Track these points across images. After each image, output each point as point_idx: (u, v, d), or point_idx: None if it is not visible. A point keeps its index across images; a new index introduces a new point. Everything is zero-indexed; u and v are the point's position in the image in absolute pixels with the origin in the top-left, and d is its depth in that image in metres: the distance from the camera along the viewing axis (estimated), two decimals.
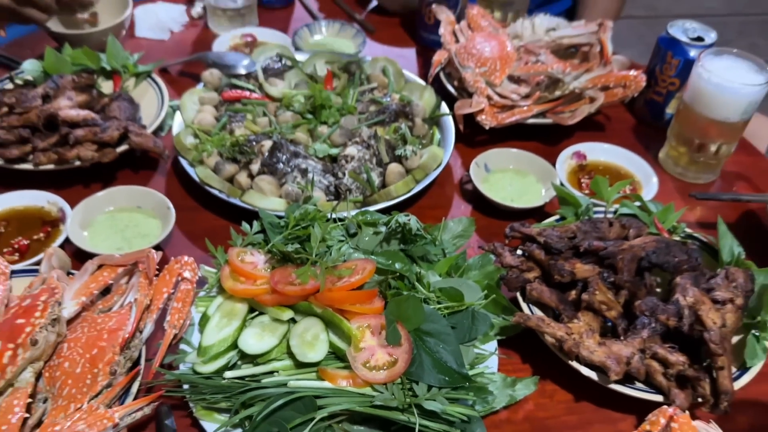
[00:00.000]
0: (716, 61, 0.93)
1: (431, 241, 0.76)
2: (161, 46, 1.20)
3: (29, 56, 1.11)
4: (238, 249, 0.72)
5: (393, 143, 0.90)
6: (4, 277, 0.69)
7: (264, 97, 0.98)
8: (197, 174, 0.85)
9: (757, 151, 1.09)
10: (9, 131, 0.88)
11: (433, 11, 1.13)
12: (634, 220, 0.81)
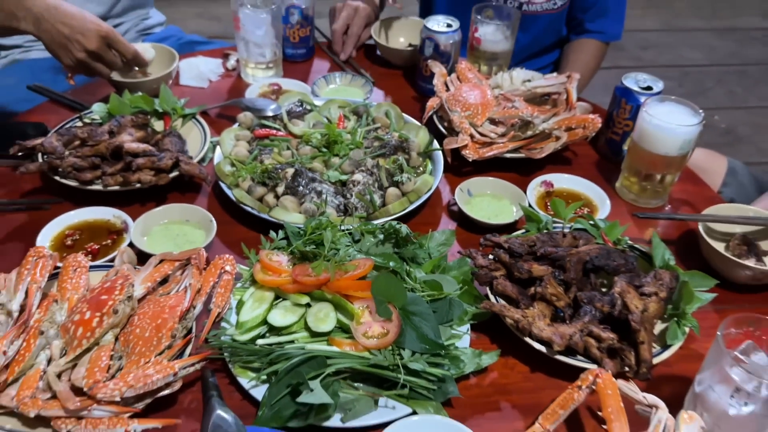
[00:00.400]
0: (659, 106, 1.11)
1: (419, 246, 0.94)
2: (202, 92, 1.38)
3: (92, 100, 1.31)
4: (266, 251, 0.90)
5: (392, 171, 1.08)
6: (85, 269, 0.87)
7: (288, 135, 1.16)
8: (234, 195, 1.03)
9: (702, 181, 1.26)
10: (83, 159, 1.06)
11: (428, 65, 1.32)
12: (584, 233, 0.98)
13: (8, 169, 1.12)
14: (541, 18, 1.62)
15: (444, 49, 1.32)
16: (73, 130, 1.11)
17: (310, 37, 1.48)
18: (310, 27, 1.47)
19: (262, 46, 1.37)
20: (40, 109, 1.32)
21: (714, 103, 2.80)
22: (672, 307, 0.88)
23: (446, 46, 1.32)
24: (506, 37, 1.35)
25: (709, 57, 3.14)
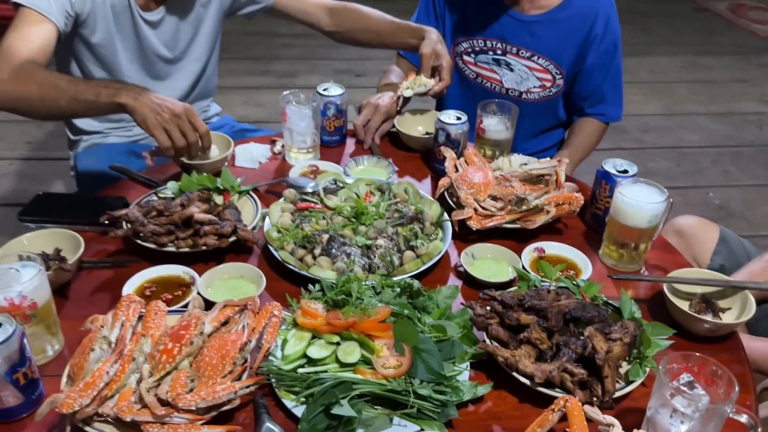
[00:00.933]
0: (631, 187, 1.30)
1: (429, 298, 1.12)
2: (254, 172, 1.58)
3: (160, 178, 1.55)
4: (306, 300, 1.09)
5: (408, 238, 1.28)
6: (164, 313, 1.06)
7: (324, 207, 1.35)
8: (280, 255, 1.23)
9: (675, 250, 1.43)
10: (161, 227, 1.27)
11: (441, 151, 1.54)
12: (566, 290, 1.16)
13: (97, 234, 1.34)
14: (535, 104, 1.84)
15: (454, 137, 1.54)
16: (151, 203, 1.33)
17: (343, 127, 1.71)
18: (343, 119, 1.70)
19: (304, 134, 1.60)
20: (119, 186, 1.54)
21: (709, 181, 2.97)
22: (636, 351, 1.05)
23: (456, 135, 1.54)
24: (507, 128, 1.57)
25: (706, 139, 3.33)
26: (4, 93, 1.38)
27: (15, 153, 3.06)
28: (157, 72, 1.77)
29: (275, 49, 4.24)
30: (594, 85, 1.79)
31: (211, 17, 1.78)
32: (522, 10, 1.77)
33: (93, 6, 1.57)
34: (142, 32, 1.67)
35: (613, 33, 1.77)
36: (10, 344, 0.91)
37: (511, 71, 1.83)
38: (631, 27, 4.88)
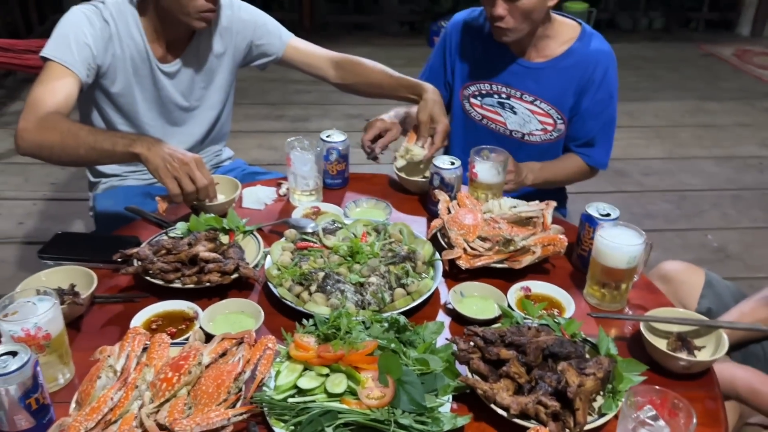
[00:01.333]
0: (612, 229, 1.36)
1: (416, 333, 1.18)
2: (259, 213, 1.67)
3: (172, 218, 1.65)
4: (299, 334, 1.15)
5: (400, 276, 1.34)
6: (166, 345, 1.13)
7: (322, 246, 1.43)
8: (278, 292, 1.30)
9: (658, 290, 1.48)
10: (168, 264, 1.34)
11: (436, 194, 1.61)
12: (546, 327, 1.21)
13: (110, 271, 1.42)
14: (537, 146, 1.92)
15: (448, 181, 1.62)
16: (161, 242, 1.41)
17: (345, 170, 1.79)
18: (345, 163, 1.79)
19: (307, 178, 1.69)
20: (134, 226, 1.63)
21: (708, 223, 3.00)
22: (609, 386, 1.10)
23: (450, 179, 1.62)
24: (498, 173, 1.64)
25: (706, 182, 3.37)
26: (30, 141, 1.51)
27: (38, 194, 3.19)
28: (174, 119, 1.88)
29: (290, 94, 4.39)
30: (585, 130, 1.87)
31: (225, 68, 1.89)
32: (528, 59, 1.87)
33: (114, 59, 1.70)
34: (159, 82, 1.79)
35: (609, 84, 1.85)
36: (24, 371, 0.98)
37: (514, 114, 1.92)
38: (638, 73, 5.00)
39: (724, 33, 6.09)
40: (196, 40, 1.80)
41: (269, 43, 1.92)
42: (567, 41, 1.84)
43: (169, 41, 1.76)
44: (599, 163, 1.91)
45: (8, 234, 2.88)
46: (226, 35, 1.85)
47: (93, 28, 1.64)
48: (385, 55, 5.22)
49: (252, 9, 1.92)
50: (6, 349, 1.00)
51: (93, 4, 1.69)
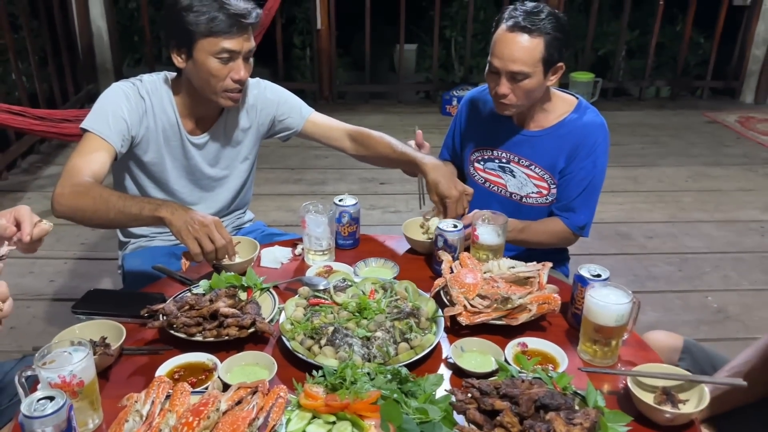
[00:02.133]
0: (601, 289, 1.44)
1: (417, 385, 1.26)
2: (275, 271, 1.77)
3: (195, 277, 1.76)
4: (309, 384, 1.24)
5: (404, 331, 1.43)
6: (188, 393, 1.22)
7: (332, 303, 1.52)
8: (291, 345, 1.38)
9: (648, 347, 1.54)
10: (191, 319, 1.44)
11: (439, 254, 1.72)
12: (539, 380, 1.29)
13: (137, 325, 1.52)
14: (535, 208, 2.03)
15: (451, 242, 1.72)
16: (185, 299, 1.52)
17: (356, 232, 1.91)
18: (356, 225, 1.90)
19: (321, 239, 1.80)
20: (160, 283, 1.75)
21: (708, 285, 3.05)
22: None
23: (453, 241, 1.72)
24: (498, 235, 1.74)
25: (708, 245, 3.42)
26: (65, 205, 1.65)
27: (70, 253, 3.34)
28: (202, 186, 2.02)
29: (309, 159, 4.56)
30: (567, 193, 1.98)
31: (250, 141, 2.05)
32: (527, 128, 2.03)
33: (147, 131, 1.86)
34: (189, 153, 1.94)
35: (597, 154, 1.96)
36: (60, 414, 1.07)
37: (513, 177, 2.05)
38: (643, 139, 5.13)
39: (728, 101, 6.23)
40: (224, 116, 1.96)
41: (290, 118, 2.07)
42: (563, 113, 1.98)
43: (199, 117, 1.92)
44: (578, 228, 1.99)
45: (40, 291, 3.01)
46: (252, 112, 2.01)
47: (129, 103, 1.81)
48: (399, 122, 5.44)
49: (276, 88, 2.09)
50: (44, 394, 1.09)
51: (131, 81, 1.86)
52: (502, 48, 1.84)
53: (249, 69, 1.83)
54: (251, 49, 1.80)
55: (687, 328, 2.68)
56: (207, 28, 1.70)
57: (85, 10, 5.45)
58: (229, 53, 1.74)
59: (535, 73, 1.84)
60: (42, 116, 3.62)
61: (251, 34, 1.79)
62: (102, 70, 5.63)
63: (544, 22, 1.81)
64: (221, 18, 1.70)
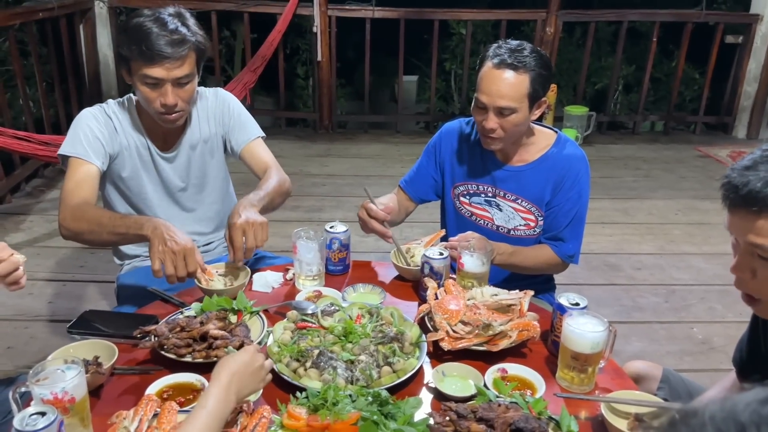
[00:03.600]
0: (578, 317, 1.47)
1: (397, 407, 1.30)
2: (266, 295, 1.80)
3: (189, 300, 1.79)
4: (292, 405, 1.28)
5: (387, 355, 1.47)
6: (175, 412, 1.26)
7: (319, 327, 1.58)
8: (277, 367, 1.42)
9: (625, 375, 1.58)
10: (182, 340, 1.49)
11: (425, 281, 1.77)
12: (515, 405, 1.32)
13: (129, 345, 1.56)
14: (523, 240, 2.07)
15: (437, 270, 1.76)
16: (176, 320, 1.55)
17: (346, 258, 1.96)
18: (346, 252, 1.95)
19: (311, 264, 1.85)
20: (154, 305, 1.79)
21: (695, 317, 3.08)
22: None
23: (439, 268, 1.77)
24: (483, 263, 1.79)
25: (695, 277, 3.45)
26: (68, 229, 1.78)
27: (69, 275, 3.39)
28: (180, 201, 2.11)
29: (306, 187, 4.63)
30: (555, 224, 2.02)
31: (214, 151, 2.12)
32: (510, 164, 2.07)
33: (121, 147, 1.97)
34: (160, 167, 2.04)
35: (580, 185, 2.02)
36: (51, 429, 1.10)
37: (500, 211, 2.09)
38: (635, 173, 5.19)
39: (721, 136, 6.31)
40: (188, 130, 2.06)
41: (236, 136, 2.12)
42: (544, 147, 2.04)
43: (165, 132, 2.02)
44: (567, 256, 2.03)
45: (38, 312, 3.05)
46: (211, 120, 2.09)
47: (99, 123, 1.93)
48: (397, 152, 5.52)
49: (233, 101, 2.15)
50: (36, 410, 1.13)
51: (99, 105, 2.00)
52: (489, 84, 1.90)
53: (185, 93, 1.86)
54: (183, 76, 1.82)
55: (671, 359, 2.70)
56: (135, 53, 1.77)
57: (92, 39, 5.57)
58: (153, 80, 1.80)
59: (521, 108, 1.90)
60: (46, 141, 3.70)
61: (183, 62, 1.80)
62: (107, 97, 5.73)
63: (529, 59, 1.87)
64: (143, 48, 1.75)
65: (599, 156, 5.56)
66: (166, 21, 1.80)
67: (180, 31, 1.81)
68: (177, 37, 1.79)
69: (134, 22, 1.80)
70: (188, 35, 1.82)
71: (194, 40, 1.83)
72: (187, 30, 1.83)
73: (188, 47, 1.81)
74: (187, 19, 1.87)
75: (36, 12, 4.58)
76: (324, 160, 5.26)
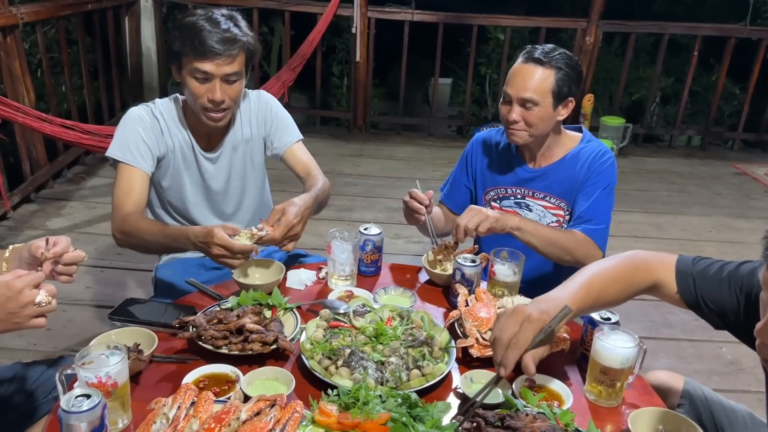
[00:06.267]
0: (609, 333, 1.48)
1: (426, 410, 1.32)
2: (299, 293, 1.84)
3: (225, 293, 1.84)
4: (324, 402, 1.31)
5: (417, 358, 1.50)
6: (211, 401, 1.30)
7: (351, 327, 1.61)
8: (309, 363, 1.45)
9: (652, 391, 1.58)
10: (219, 332, 1.54)
11: (456, 287, 1.79)
12: (542, 415, 1.34)
13: (168, 334, 1.62)
14: None
15: (468, 276, 1.78)
16: (214, 312, 1.61)
17: (378, 260, 1.99)
18: (379, 254, 1.98)
19: (345, 265, 1.88)
20: (191, 296, 1.84)
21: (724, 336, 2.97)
22: None
23: (470, 275, 1.79)
24: (514, 273, 1.81)
25: None
26: (121, 241, 1.93)
27: (107, 262, 3.48)
28: (218, 204, 2.16)
29: (339, 186, 4.67)
30: (579, 208, 2.02)
31: (255, 152, 2.17)
32: (537, 166, 2.13)
33: (167, 150, 2.03)
34: (203, 167, 2.10)
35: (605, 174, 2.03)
36: (95, 411, 1.16)
37: (530, 211, 2.13)
38: (669, 187, 5.13)
39: (759, 153, 6.21)
40: (231, 130, 2.10)
41: (278, 138, 2.18)
42: (570, 147, 2.08)
43: (209, 133, 2.07)
44: (592, 233, 1.97)
45: (77, 297, 3.14)
46: (254, 122, 2.15)
47: (145, 126, 1.98)
48: (429, 155, 5.54)
49: (276, 104, 2.21)
50: (82, 392, 1.18)
51: (146, 105, 2.05)
52: (515, 77, 1.98)
53: (233, 90, 1.91)
54: (232, 73, 1.87)
55: (698, 378, 2.63)
56: (187, 48, 1.83)
57: (137, 31, 5.70)
58: (203, 74, 1.85)
59: (544, 103, 1.95)
60: (90, 131, 3.80)
61: (233, 59, 1.85)
62: (148, 88, 5.86)
63: (557, 58, 1.95)
64: (196, 43, 1.80)
65: (634, 168, 5.50)
66: (219, 20, 1.86)
67: (232, 31, 1.86)
68: (229, 35, 1.85)
69: (188, 20, 1.86)
70: (239, 35, 1.87)
71: (245, 41, 1.89)
72: (238, 30, 1.88)
73: (239, 46, 1.86)
74: (239, 21, 1.92)
75: (85, 4, 4.71)
76: (356, 160, 5.31)
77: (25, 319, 1.25)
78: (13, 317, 1.23)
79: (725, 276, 1.37)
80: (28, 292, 1.23)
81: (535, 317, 1.30)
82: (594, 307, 1.41)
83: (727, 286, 1.35)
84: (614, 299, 1.42)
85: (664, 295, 1.43)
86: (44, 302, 1.25)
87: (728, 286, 1.35)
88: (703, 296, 1.38)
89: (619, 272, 1.41)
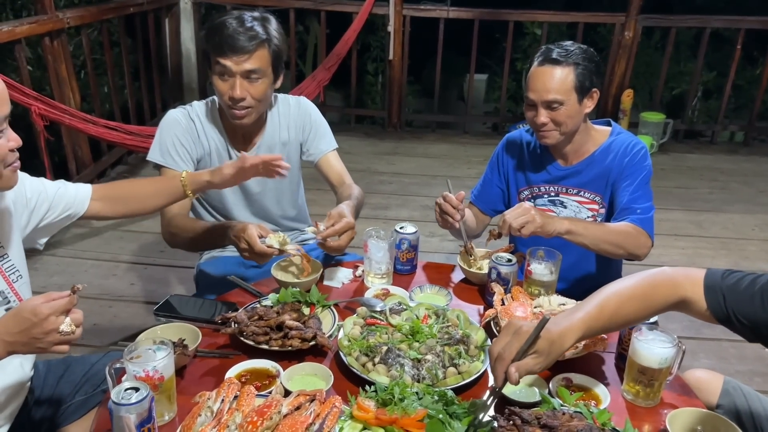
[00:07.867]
0: (648, 333, 1.47)
1: (462, 408, 1.34)
2: (337, 290, 1.88)
3: (265, 291, 1.87)
4: (361, 398, 1.34)
5: (453, 356, 1.51)
6: (253, 395, 1.34)
7: (387, 324, 1.63)
8: (347, 360, 1.48)
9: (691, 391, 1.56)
10: (260, 328, 1.58)
11: (492, 286, 1.80)
12: (579, 414, 1.34)
13: (211, 330, 1.67)
14: None
15: (504, 276, 1.79)
16: (255, 309, 1.65)
17: (414, 259, 2.01)
18: (415, 252, 2.00)
19: (381, 263, 1.91)
20: (233, 293, 1.89)
21: None
22: None
23: (506, 274, 1.79)
24: (551, 272, 1.81)
25: None
26: (170, 242, 2.05)
27: (150, 259, 3.59)
28: (256, 205, 2.21)
29: (374, 184, 4.71)
30: (621, 201, 2.00)
31: (291, 156, 2.21)
32: (569, 163, 2.13)
33: (204, 152, 2.09)
34: None
35: (639, 163, 2.02)
36: (143, 404, 1.21)
37: (565, 208, 2.12)
38: (711, 184, 5.02)
39: None
40: (266, 132, 2.14)
41: (314, 146, 2.23)
42: (600, 142, 2.07)
43: (243, 133, 2.12)
44: (641, 222, 1.94)
45: (121, 293, 3.24)
46: (292, 127, 2.19)
47: (182, 129, 2.05)
48: (464, 152, 5.53)
49: (315, 111, 2.25)
50: (131, 385, 1.23)
51: (183, 107, 2.11)
52: (535, 82, 1.97)
53: (255, 89, 1.93)
54: (251, 69, 1.89)
55: (740, 378, 2.56)
56: (210, 45, 1.89)
57: (176, 33, 5.83)
58: (223, 69, 1.89)
59: (569, 101, 1.95)
60: (133, 131, 3.92)
61: (251, 55, 1.88)
62: (188, 89, 5.98)
63: (573, 54, 1.94)
64: (218, 39, 1.87)
65: (675, 165, 5.40)
66: (245, 19, 1.91)
67: (255, 29, 1.90)
68: (250, 33, 1.89)
69: (218, 20, 1.92)
70: (261, 33, 1.91)
71: (265, 38, 1.92)
72: (262, 29, 1.92)
73: (257, 43, 1.90)
74: (270, 22, 1.96)
75: (127, 7, 4.84)
76: (391, 158, 5.33)
77: (48, 345, 1.25)
78: (36, 342, 1.23)
79: (758, 290, 1.34)
80: (53, 320, 1.22)
81: (524, 331, 1.31)
82: (609, 326, 1.39)
83: (760, 300, 1.32)
84: (634, 317, 1.40)
85: (693, 311, 1.40)
86: (67, 331, 1.25)
87: (761, 300, 1.32)
88: (734, 311, 1.35)
89: (637, 290, 1.39)
